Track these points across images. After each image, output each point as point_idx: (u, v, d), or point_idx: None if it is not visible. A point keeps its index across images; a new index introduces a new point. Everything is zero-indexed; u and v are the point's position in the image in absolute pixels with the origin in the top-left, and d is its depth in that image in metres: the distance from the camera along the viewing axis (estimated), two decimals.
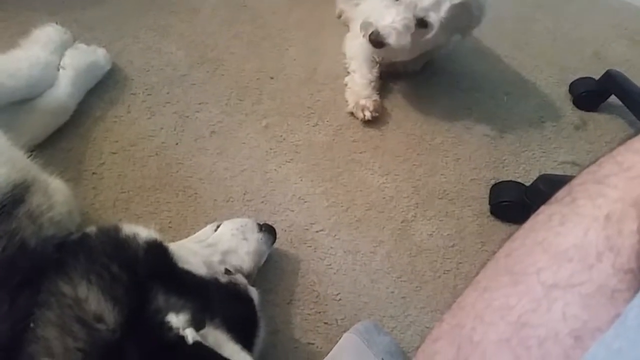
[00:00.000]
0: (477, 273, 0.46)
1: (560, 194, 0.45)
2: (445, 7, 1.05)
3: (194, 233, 0.86)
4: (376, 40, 1.10)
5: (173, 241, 0.79)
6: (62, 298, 0.54)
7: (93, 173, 0.99)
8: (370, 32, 1.10)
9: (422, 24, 1.08)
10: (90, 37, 1.15)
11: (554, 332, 0.36)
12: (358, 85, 1.23)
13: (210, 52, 1.29)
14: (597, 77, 1.37)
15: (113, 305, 0.55)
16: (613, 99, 1.34)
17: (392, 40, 1.08)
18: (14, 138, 0.73)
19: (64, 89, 1.00)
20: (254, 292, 0.74)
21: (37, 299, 0.54)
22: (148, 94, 1.15)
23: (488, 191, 1.12)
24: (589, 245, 0.38)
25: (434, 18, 1.06)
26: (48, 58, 1.01)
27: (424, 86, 1.33)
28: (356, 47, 1.29)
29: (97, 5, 1.32)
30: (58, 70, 1.02)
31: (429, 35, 1.10)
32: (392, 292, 0.94)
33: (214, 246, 0.79)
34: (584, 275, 0.37)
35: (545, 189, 0.98)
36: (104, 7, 1.32)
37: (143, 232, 0.66)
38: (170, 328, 0.55)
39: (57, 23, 1.09)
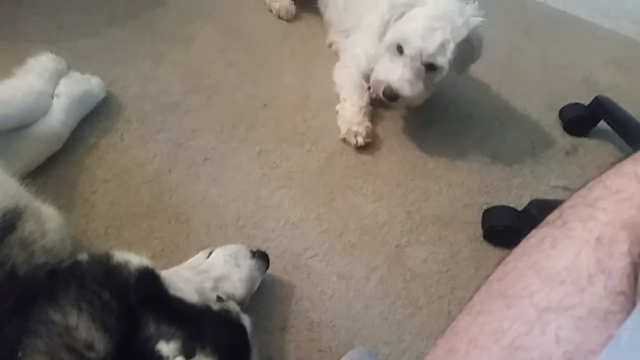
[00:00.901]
0: (471, 298, 0.46)
1: (551, 217, 0.45)
2: (450, 48, 1.08)
3: (187, 260, 0.85)
4: (390, 95, 1.13)
5: (165, 268, 0.78)
6: (52, 326, 0.54)
7: (85, 200, 0.98)
8: (382, 88, 1.13)
9: (431, 67, 1.11)
10: (85, 66, 1.16)
11: (548, 355, 0.36)
12: (349, 112, 1.24)
13: (204, 80, 1.30)
14: (586, 103, 1.39)
15: (103, 333, 0.54)
16: (602, 124, 1.36)
17: (406, 92, 1.12)
18: (7, 165, 0.73)
19: (57, 116, 1.00)
20: (246, 320, 0.73)
21: (27, 328, 0.53)
22: (142, 122, 1.15)
23: (481, 216, 1.12)
24: (580, 267, 0.38)
25: (442, 61, 1.09)
26: (42, 87, 1.02)
27: (416, 113, 1.34)
28: (345, 75, 1.32)
29: (92, 34, 1.33)
30: (52, 98, 1.03)
31: (440, 78, 1.13)
32: (386, 318, 0.93)
33: (206, 273, 0.79)
34: (576, 297, 0.37)
35: (537, 213, 0.98)
36: (100, 36, 1.34)
37: (135, 260, 0.66)
38: (161, 357, 0.55)
39: (52, 52, 1.10)
